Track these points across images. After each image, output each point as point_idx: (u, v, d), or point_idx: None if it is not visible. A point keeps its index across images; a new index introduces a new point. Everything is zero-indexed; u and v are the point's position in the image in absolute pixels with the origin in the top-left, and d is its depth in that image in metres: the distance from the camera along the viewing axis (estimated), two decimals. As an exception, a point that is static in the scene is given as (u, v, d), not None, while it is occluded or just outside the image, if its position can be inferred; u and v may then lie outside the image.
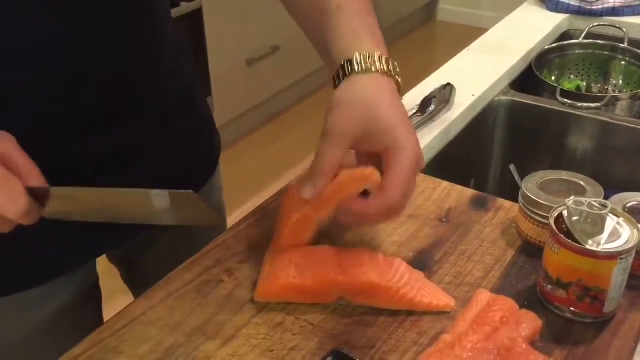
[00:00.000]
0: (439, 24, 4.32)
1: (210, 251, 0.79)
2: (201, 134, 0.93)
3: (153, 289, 0.74)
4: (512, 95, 1.27)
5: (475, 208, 0.85)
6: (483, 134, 1.26)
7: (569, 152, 1.26)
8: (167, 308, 0.71)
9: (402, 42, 3.94)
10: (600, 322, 0.69)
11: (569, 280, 0.68)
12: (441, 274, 0.75)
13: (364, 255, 0.72)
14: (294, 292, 0.70)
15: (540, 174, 0.81)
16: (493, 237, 0.80)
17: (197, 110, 0.93)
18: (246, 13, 2.69)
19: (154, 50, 0.80)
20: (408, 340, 0.67)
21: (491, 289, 0.73)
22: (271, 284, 0.70)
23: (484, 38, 1.44)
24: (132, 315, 0.70)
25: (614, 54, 1.39)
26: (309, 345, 0.66)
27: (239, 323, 0.69)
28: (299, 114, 3.17)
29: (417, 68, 2.31)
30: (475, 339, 0.64)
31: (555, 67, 1.41)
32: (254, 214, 0.85)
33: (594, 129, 1.22)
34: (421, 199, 0.87)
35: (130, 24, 0.75)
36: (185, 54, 0.90)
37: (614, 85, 1.41)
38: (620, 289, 0.68)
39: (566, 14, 1.53)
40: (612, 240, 0.67)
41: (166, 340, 0.67)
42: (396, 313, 0.70)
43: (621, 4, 1.51)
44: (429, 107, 1.11)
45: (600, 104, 1.20)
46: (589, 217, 0.68)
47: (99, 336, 0.68)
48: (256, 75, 2.86)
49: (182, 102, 0.87)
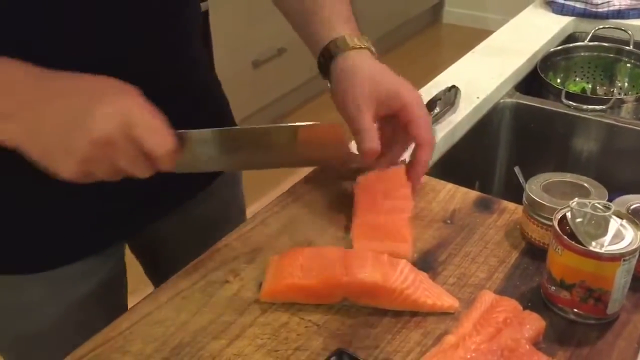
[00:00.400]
0: (445, 26, 4.32)
1: (215, 252, 0.79)
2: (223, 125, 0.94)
3: (159, 289, 0.74)
4: (517, 98, 1.27)
5: (479, 210, 0.86)
6: (488, 136, 1.26)
7: (574, 154, 1.26)
8: (173, 308, 0.72)
9: (408, 44, 3.95)
10: (604, 323, 0.69)
11: (572, 282, 0.68)
12: (445, 275, 0.76)
13: (368, 256, 0.72)
14: (299, 293, 0.71)
15: (544, 176, 0.81)
16: (497, 239, 0.81)
17: (218, 102, 0.98)
18: (252, 15, 2.70)
19: (184, 42, 0.85)
20: (412, 341, 0.67)
21: (495, 290, 0.73)
22: (277, 284, 0.71)
23: (489, 40, 1.44)
24: (138, 314, 0.71)
25: (619, 56, 1.39)
26: (313, 345, 0.67)
27: (244, 323, 0.70)
28: (304, 116, 3.18)
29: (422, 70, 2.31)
30: (478, 340, 0.64)
31: (560, 69, 1.41)
32: (258, 216, 0.85)
33: (599, 131, 1.22)
34: (426, 200, 0.87)
35: (162, 14, 0.79)
36: (205, 58, 0.96)
37: (619, 88, 1.41)
38: (624, 291, 0.68)
39: (571, 17, 1.53)
40: (615, 242, 0.67)
41: (172, 340, 0.68)
42: (400, 314, 0.70)
43: (627, 7, 1.51)
44: (434, 109, 1.11)
45: (605, 107, 1.20)
46: (592, 219, 0.68)
47: (106, 335, 0.69)
48: (262, 77, 2.87)
49: (205, 94, 0.92)
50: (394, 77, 0.82)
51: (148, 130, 0.64)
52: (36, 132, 0.63)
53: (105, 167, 0.65)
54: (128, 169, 0.65)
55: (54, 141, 0.63)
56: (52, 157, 0.64)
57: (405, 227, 0.79)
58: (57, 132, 0.63)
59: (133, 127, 0.63)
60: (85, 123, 0.62)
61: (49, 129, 0.63)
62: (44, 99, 0.64)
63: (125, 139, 0.63)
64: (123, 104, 0.64)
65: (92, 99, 0.64)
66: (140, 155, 0.65)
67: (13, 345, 0.92)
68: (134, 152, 0.64)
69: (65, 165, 0.64)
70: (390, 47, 3.80)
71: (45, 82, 0.66)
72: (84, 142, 0.62)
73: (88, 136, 0.62)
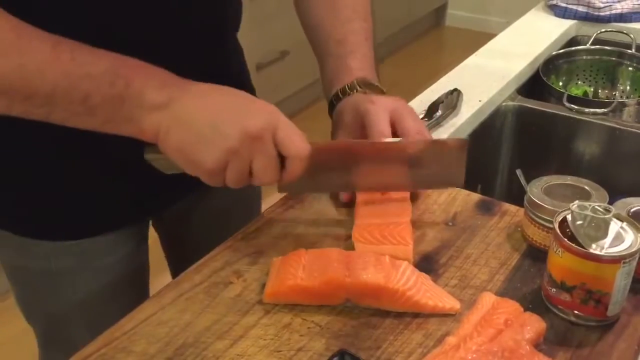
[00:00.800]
0: (448, 29, 4.33)
1: (219, 253, 0.80)
2: None
3: (163, 290, 0.75)
4: (519, 101, 1.28)
5: (481, 212, 0.86)
6: (490, 139, 1.26)
7: (576, 157, 1.27)
8: (177, 309, 0.72)
9: (410, 46, 3.95)
10: (604, 325, 0.70)
11: (573, 284, 0.69)
12: (447, 277, 0.76)
13: (370, 258, 0.73)
14: (302, 294, 0.71)
15: (545, 179, 0.81)
16: (498, 241, 0.81)
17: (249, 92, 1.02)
18: (255, 18, 2.71)
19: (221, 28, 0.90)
20: (414, 342, 0.68)
21: (496, 291, 0.73)
22: (279, 285, 0.72)
23: (491, 44, 1.45)
24: (142, 315, 0.72)
25: (621, 59, 1.40)
26: (316, 346, 0.68)
27: (248, 324, 0.70)
28: (307, 119, 3.18)
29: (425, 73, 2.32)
30: (479, 341, 0.64)
31: (562, 72, 1.41)
32: (262, 218, 0.86)
33: (601, 134, 1.22)
34: (427, 202, 0.88)
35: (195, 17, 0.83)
36: (240, 49, 1.02)
37: (621, 91, 1.41)
38: (624, 293, 0.69)
39: (574, 20, 1.54)
40: (615, 244, 0.68)
41: (176, 340, 0.68)
42: (402, 315, 0.71)
43: (629, 10, 1.51)
44: (436, 112, 1.11)
45: (607, 110, 1.20)
46: (592, 222, 0.68)
47: (110, 336, 0.69)
48: (265, 80, 2.87)
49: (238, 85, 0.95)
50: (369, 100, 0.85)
51: (291, 135, 0.70)
52: (189, 121, 0.69)
53: (243, 164, 0.70)
54: (260, 170, 0.71)
55: (206, 130, 0.68)
56: (199, 145, 0.69)
57: (406, 230, 0.79)
58: (212, 121, 0.69)
59: (279, 129, 0.70)
60: (241, 115, 0.69)
61: (204, 118, 0.69)
62: (197, 94, 0.71)
63: (271, 138, 0.69)
64: (272, 109, 0.72)
65: (245, 99, 0.73)
66: (276, 158, 0.71)
67: (43, 317, 0.96)
68: (273, 152, 0.70)
69: (211, 152, 0.68)
70: (393, 50, 3.81)
71: (190, 81, 0.72)
72: (237, 131, 0.68)
73: (242, 127, 0.68)
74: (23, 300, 0.96)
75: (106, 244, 0.90)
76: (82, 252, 0.89)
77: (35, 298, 0.95)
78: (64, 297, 0.92)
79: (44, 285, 0.91)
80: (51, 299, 0.92)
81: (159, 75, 0.71)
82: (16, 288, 0.95)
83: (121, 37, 0.72)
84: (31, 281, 0.92)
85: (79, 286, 0.91)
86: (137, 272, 0.98)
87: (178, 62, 0.73)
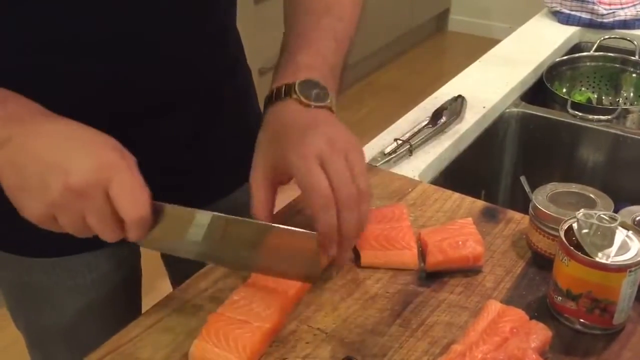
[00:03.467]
0: (450, 34, 4.33)
1: (224, 260, 0.80)
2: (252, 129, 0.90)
3: (169, 296, 0.75)
4: (523, 107, 1.28)
5: (485, 219, 0.86)
6: (494, 146, 1.27)
7: (579, 164, 1.27)
8: (183, 315, 0.72)
9: (413, 52, 3.96)
10: (610, 333, 0.70)
11: (578, 292, 0.69)
12: (452, 284, 0.76)
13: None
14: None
15: (550, 186, 0.82)
16: (503, 249, 0.81)
17: (249, 106, 0.99)
18: (257, 22, 2.71)
19: (216, 45, 0.87)
20: (419, 350, 0.68)
21: (501, 299, 0.73)
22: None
23: (495, 50, 1.45)
24: (148, 321, 0.72)
25: (624, 66, 1.40)
26: (321, 353, 0.68)
27: (253, 331, 0.70)
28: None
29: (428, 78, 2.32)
30: (485, 349, 0.65)
31: (566, 79, 1.42)
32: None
33: (605, 141, 1.22)
34: (432, 210, 0.88)
35: (194, 19, 0.81)
36: (242, 52, 0.98)
37: (625, 98, 1.41)
38: (630, 301, 0.69)
39: (577, 27, 1.54)
40: (621, 252, 0.68)
41: (182, 347, 0.69)
42: (408, 323, 0.71)
43: (632, 17, 1.52)
44: (440, 119, 1.12)
45: (611, 117, 1.20)
46: (598, 230, 0.69)
47: (116, 342, 0.69)
48: (268, 84, 2.87)
49: (237, 98, 0.94)
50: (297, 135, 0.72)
51: (125, 191, 0.62)
52: (20, 165, 0.62)
53: (73, 218, 0.62)
54: (95, 226, 0.63)
55: (33, 178, 0.61)
56: (24, 193, 0.62)
57: (408, 234, 0.79)
58: (41, 169, 0.61)
59: (111, 184, 0.61)
60: (65, 166, 0.61)
61: (35, 164, 0.62)
62: (42, 133, 0.64)
63: (100, 195, 0.61)
64: (109, 159, 0.63)
65: (81, 146, 0.63)
66: (111, 215, 0.62)
67: (24, 327, 0.95)
68: (106, 210, 0.62)
69: (33, 203, 0.62)
70: (396, 55, 3.81)
71: (40, 117, 0.65)
72: (60, 184, 0.60)
73: (65, 181, 0.60)
74: (8, 307, 0.96)
75: (81, 264, 0.88)
76: (55, 270, 0.87)
77: (17, 306, 0.94)
78: (43, 311, 0.91)
79: (24, 296, 0.91)
80: (31, 311, 0.92)
81: (10, 108, 0.65)
82: (3, 294, 0.94)
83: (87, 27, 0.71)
84: (12, 291, 0.92)
85: (56, 303, 0.89)
86: (122, 288, 0.95)
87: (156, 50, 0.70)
